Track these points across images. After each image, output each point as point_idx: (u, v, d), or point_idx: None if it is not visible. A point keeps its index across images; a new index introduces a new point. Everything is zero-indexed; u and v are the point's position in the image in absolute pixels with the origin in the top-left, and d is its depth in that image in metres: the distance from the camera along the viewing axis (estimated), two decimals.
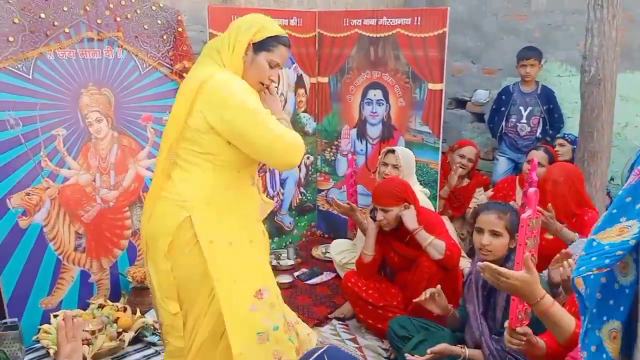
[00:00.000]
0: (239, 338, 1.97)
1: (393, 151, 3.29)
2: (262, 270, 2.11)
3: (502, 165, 4.43)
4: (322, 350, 1.42)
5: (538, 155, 3.40)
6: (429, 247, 2.73)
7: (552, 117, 4.26)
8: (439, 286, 2.45)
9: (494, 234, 2.32)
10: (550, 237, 2.94)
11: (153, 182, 2.10)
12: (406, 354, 2.44)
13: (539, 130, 4.28)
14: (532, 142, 4.22)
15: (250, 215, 2.10)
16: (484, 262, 1.84)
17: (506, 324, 1.92)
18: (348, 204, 3.19)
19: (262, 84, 2.04)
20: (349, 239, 3.62)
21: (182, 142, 1.96)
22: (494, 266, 1.79)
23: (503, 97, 4.38)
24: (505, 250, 2.34)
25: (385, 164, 3.30)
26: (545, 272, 2.62)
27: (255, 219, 2.15)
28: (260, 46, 1.97)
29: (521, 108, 4.30)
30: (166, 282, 2.02)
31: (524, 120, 4.29)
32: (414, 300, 2.48)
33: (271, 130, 1.88)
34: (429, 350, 2.36)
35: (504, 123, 4.36)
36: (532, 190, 1.90)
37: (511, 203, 2.94)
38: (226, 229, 1.99)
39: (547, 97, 4.26)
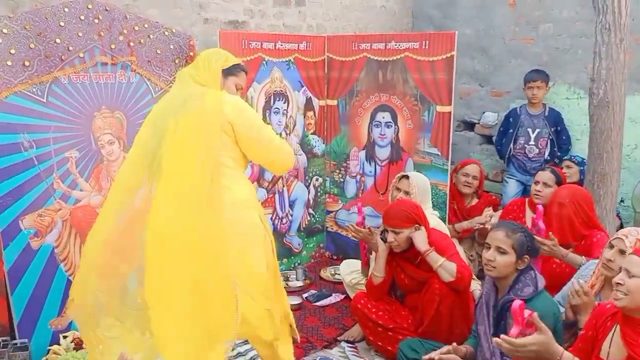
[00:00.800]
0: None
1: (407, 177, 3.31)
2: None
3: (511, 187, 4.42)
4: None
5: (545, 176, 3.39)
6: (440, 269, 2.73)
7: (560, 139, 4.27)
8: (454, 344, 2.43)
9: (500, 250, 2.32)
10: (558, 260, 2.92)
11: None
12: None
13: (547, 152, 4.28)
14: (540, 164, 4.22)
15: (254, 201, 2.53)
16: (499, 339, 1.84)
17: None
18: (369, 229, 3.17)
19: None
20: (360, 261, 3.60)
21: (223, 154, 2.28)
22: (510, 339, 1.80)
23: (510, 119, 4.39)
24: (511, 270, 2.34)
25: (398, 189, 3.32)
26: (558, 295, 2.62)
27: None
28: (228, 72, 2.41)
29: (529, 130, 4.30)
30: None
31: (532, 142, 4.30)
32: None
33: (279, 141, 2.44)
34: (436, 354, 2.35)
35: (512, 145, 4.37)
36: (517, 303, 1.87)
37: None
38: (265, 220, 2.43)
39: (555, 119, 4.27)
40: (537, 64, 4.42)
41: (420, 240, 2.80)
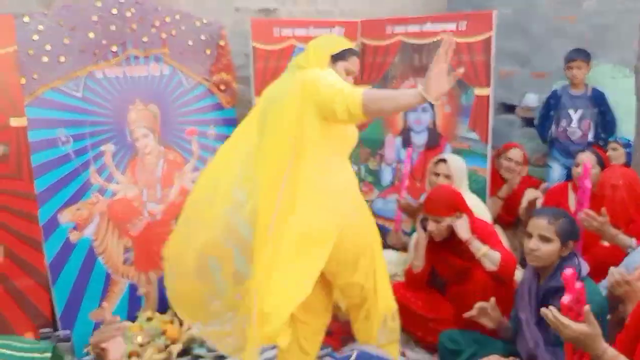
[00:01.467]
0: (387, 293, 2.47)
1: (444, 160, 3.22)
2: None
3: (556, 171, 4.26)
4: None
5: (585, 157, 3.25)
6: (483, 257, 2.64)
7: (604, 120, 4.08)
8: (492, 299, 2.37)
9: (543, 238, 2.23)
10: (607, 244, 2.80)
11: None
12: None
13: (591, 134, 4.11)
14: (584, 147, 4.06)
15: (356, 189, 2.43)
16: (548, 309, 1.78)
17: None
18: (418, 203, 3.14)
19: None
20: (393, 247, 3.54)
21: (306, 131, 2.10)
22: (557, 314, 1.74)
23: (552, 101, 4.23)
24: (555, 257, 2.24)
25: (437, 174, 3.23)
26: (604, 282, 2.50)
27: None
28: (338, 57, 2.24)
29: (571, 112, 4.14)
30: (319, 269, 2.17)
31: (574, 124, 4.13)
32: (465, 315, 2.40)
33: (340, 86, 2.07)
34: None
35: (553, 128, 4.22)
36: (569, 271, 1.79)
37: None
38: (361, 202, 2.38)
39: (598, 100, 4.09)
40: (580, 43, 4.23)
41: (462, 228, 2.72)
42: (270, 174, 2.13)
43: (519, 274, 3.06)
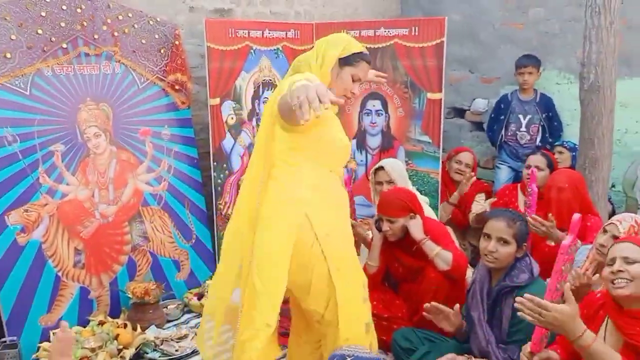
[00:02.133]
0: (350, 326, 2.07)
1: (382, 167, 3.28)
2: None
3: (503, 173, 4.41)
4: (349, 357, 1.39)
5: (536, 159, 3.39)
6: (437, 257, 2.71)
7: (552, 125, 4.25)
8: (457, 306, 2.42)
9: (502, 241, 2.29)
10: (552, 243, 2.92)
11: (245, 192, 2.14)
12: None
13: (539, 138, 4.27)
14: (533, 150, 4.21)
15: (343, 208, 2.20)
16: (526, 295, 1.78)
17: (526, 347, 1.90)
18: (354, 218, 3.14)
19: (344, 96, 2.14)
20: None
21: (276, 143, 2.00)
22: (537, 299, 1.74)
23: (502, 105, 4.37)
24: (511, 259, 2.31)
25: (380, 182, 3.29)
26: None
27: (345, 213, 2.23)
28: (345, 61, 2.08)
29: (520, 116, 4.28)
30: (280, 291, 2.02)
31: (523, 129, 4.28)
32: (425, 315, 2.43)
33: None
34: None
35: (503, 132, 4.35)
36: (576, 216, 1.85)
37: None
38: (334, 221, 2.10)
39: (546, 105, 4.25)
40: (527, 49, 4.39)
41: (416, 229, 2.78)
42: (249, 191, 2.10)
43: (469, 272, 3.15)
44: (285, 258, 2.00)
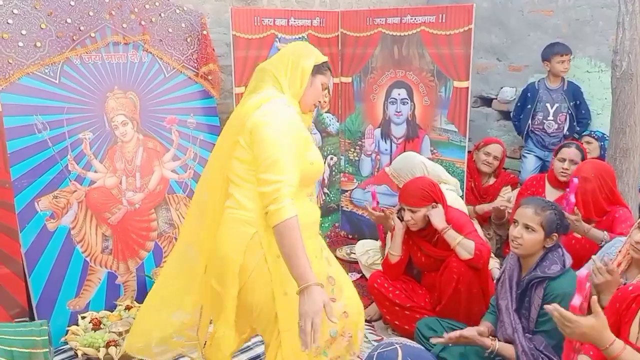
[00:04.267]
0: (297, 353, 1.93)
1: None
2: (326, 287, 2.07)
3: (530, 163, 4.34)
4: (398, 344, 1.39)
5: (572, 153, 3.31)
6: (458, 246, 2.69)
7: (580, 114, 4.16)
8: (485, 327, 2.40)
9: (528, 228, 2.27)
10: (579, 236, 2.87)
11: (210, 197, 2.12)
12: (432, 339, 2.44)
13: (566, 127, 4.19)
14: (559, 140, 4.14)
15: (310, 230, 2.05)
16: (553, 306, 1.76)
17: None
18: (382, 210, 3.10)
19: (315, 105, 2.17)
20: (378, 240, 3.58)
21: (234, 160, 1.98)
22: (563, 311, 1.72)
23: (528, 94, 4.29)
24: (538, 247, 2.29)
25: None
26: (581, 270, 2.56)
27: (315, 233, 2.15)
28: (317, 70, 2.10)
29: (547, 105, 4.21)
30: (232, 306, 1.99)
31: (550, 118, 4.20)
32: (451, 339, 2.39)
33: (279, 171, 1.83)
34: (457, 333, 2.33)
35: (530, 121, 4.28)
36: (583, 273, 1.82)
37: None
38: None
39: (574, 93, 4.16)
40: (557, 37, 4.30)
41: (438, 218, 2.76)
42: (212, 197, 2.11)
43: (492, 262, 3.13)
44: (233, 271, 1.95)
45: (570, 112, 4.15)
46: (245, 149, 1.93)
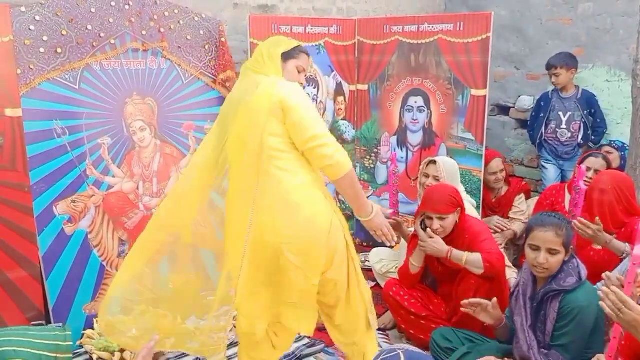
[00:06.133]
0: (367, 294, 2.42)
1: (435, 162, 3.23)
2: None
3: (551, 172, 4.29)
4: (400, 349, 1.39)
5: (597, 163, 3.28)
6: (467, 265, 2.68)
7: (595, 122, 4.12)
8: (494, 299, 2.38)
9: (552, 252, 2.23)
10: (599, 247, 2.82)
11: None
12: None
13: (580, 136, 4.15)
14: (573, 149, 4.12)
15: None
16: (612, 288, 1.71)
17: (602, 357, 1.85)
18: (394, 219, 3.09)
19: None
20: (390, 247, 3.56)
21: (269, 137, 2.14)
22: (621, 293, 1.67)
23: (542, 103, 4.27)
24: (560, 265, 2.25)
25: (427, 175, 3.25)
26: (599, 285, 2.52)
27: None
28: (287, 56, 2.31)
29: (560, 114, 4.18)
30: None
31: (563, 126, 4.17)
32: (463, 309, 2.41)
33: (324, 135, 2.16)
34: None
35: (543, 129, 4.25)
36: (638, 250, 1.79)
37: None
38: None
39: (588, 102, 4.12)
40: (576, 45, 4.27)
41: (437, 247, 2.75)
42: (242, 182, 2.21)
43: (510, 272, 3.09)
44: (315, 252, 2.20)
45: (583, 120, 4.11)
46: (278, 123, 2.13)
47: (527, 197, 3.98)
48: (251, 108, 2.16)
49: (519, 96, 4.74)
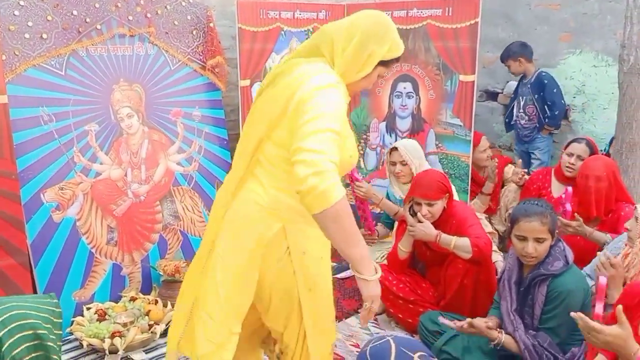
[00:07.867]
0: (320, 348, 1.90)
1: (396, 148, 3.27)
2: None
3: (521, 156, 4.34)
4: (389, 336, 1.40)
5: (580, 148, 3.24)
6: (455, 249, 2.69)
7: (545, 105, 4.16)
8: (491, 322, 2.39)
9: (539, 240, 2.25)
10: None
11: (232, 176, 1.86)
12: (440, 319, 2.45)
13: (538, 119, 4.25)
14: (530, 132, 4.28)
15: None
16: (578, 314, 1.73)
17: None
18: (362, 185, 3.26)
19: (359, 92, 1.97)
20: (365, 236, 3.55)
21: (267, 143, 1.74)
22: (588, 320, 1.70)
23: (517, 90, 4.39)
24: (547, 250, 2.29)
25: (393, 163, 3.29)
26: (587, 268, 2.56)
27: None
28: (383, 63, 1.80)
29: (520, 98, 4.33)
30: (248, 293, 1.84)
31: (521, 111, 4.33)
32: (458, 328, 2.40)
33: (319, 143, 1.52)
34: (466, 321, 2.32)
35: (514, 115, 4.40)
36: (603, 281, 1.81)
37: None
38: (314, 242, 1.80)
39: (539, 85, 4.16)
40: (564, 31, 4.30)
41: (426, 230, 2.76)
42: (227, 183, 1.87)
43: (496, 255, 3.12)
44: (251, 269, 1.80)
45: (537, 104, 4.18)
46: (284, 129, 1.66)
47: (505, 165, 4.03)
48: (268, 99, 1.75)
49: (507, 82, 4.76)
